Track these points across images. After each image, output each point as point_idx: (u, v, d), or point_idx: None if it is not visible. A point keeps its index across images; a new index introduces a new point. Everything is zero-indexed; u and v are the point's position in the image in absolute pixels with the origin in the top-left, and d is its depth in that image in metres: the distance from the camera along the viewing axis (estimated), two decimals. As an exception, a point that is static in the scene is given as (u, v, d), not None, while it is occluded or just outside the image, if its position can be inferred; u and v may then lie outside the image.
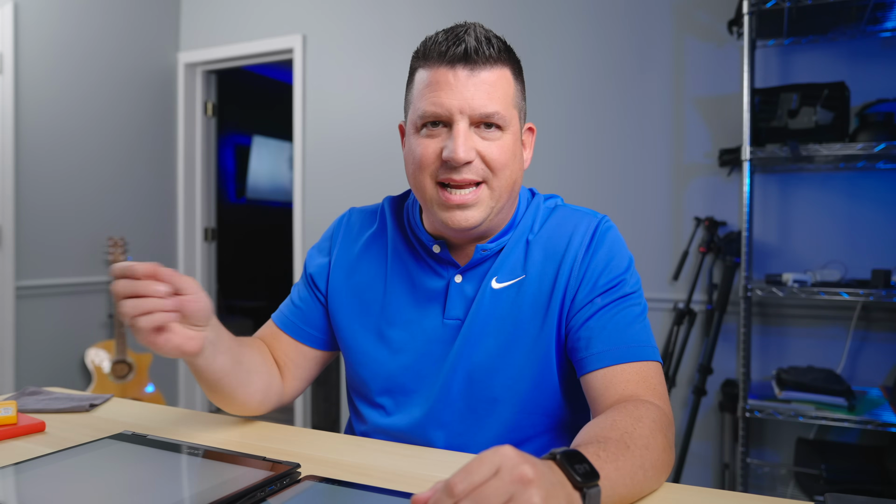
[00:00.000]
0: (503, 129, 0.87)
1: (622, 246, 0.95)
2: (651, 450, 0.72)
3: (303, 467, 0.76)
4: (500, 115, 0.86)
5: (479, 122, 0.86)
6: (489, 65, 0.85)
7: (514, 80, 0.89)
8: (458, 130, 0.84)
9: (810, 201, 2.36)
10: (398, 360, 0.97)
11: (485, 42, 0.85)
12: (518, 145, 0.91)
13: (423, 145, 0.87)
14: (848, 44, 2.29)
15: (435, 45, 0.86)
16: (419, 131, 0.88)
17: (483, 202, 0.88)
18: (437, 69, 0.86)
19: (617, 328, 0.87)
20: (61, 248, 3.11)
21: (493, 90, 0.85)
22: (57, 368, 3.11)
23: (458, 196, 0.87)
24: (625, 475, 0.66)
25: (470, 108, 0.84)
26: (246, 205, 6.14)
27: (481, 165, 0.87)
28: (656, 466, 0.71)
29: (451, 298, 0.95)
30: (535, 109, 2.78)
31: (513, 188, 0.91)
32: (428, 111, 0.86)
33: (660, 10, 2.58)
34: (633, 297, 0.91)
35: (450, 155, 0.84)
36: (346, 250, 1.04)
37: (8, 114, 2.87)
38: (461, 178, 0.86)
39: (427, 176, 0.88)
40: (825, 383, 2.03)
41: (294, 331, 1.04)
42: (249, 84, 5.79)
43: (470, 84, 0.84)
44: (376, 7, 3.18)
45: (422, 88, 0.87)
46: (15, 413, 0.92)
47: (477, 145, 0.86)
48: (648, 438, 0.72)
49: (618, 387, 0.84)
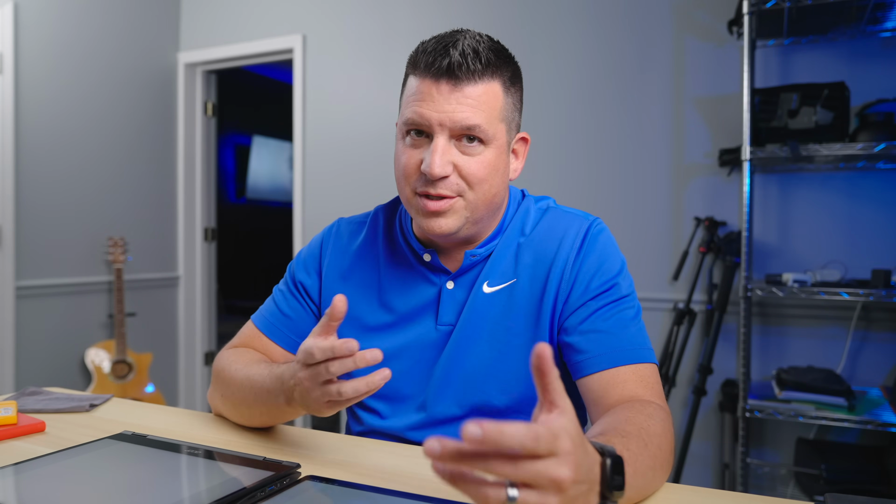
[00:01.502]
0: (485, 143, 0.87)
1: (614, 248, 0.95)
2: (663, 451, 0.73)
3: (303, 467, 0.76)
4: (481, 128, 0.85)
5: (460, 135, 0.86)
6: (474, 79, 0.85)
7: (503, 92, 0.88)
8: (436, 144, 0.85)
9: (810, 201, 2.36)
10: (391, 367, 0.97)
11: (471, 56, 0.84)
12: (501, 159, 0.90)
13: (407, 155, 0.89)
14: (848, 44, 2.29)
15: (423, 55, 0.87)
16: (404, 137, 0.90)
17: (457, 212, 0.88)
18: (424, 80, 0.86)
19: (612, 331, 0.88)
20: (61, 248, 3.11)
21: (477, 104, 0.85)
22: (57, 368, 3.11)
23: (433, 204, 0.87)
24: (639, 478, 0.66)
25: (450, 121, 0.84)
26: (246, 205, 6.14)
27: (457, 180, 0.87)
28: (664, 467, 0.72)
29: (444, 304, 0.95)
30: (535, 110, 2.78)
31: (491, 201, 0.90)
32: (410, 119, 0.87)
33: (660, 10, 2.58)
34: (626, 301, 0.91)
35: (426, 169, 0.85)
36: (337, 261, 1.03)
37: (8, 114, 2.87)
38: (436, 193, 0.87)
39: (408, 186, 0.90)
40: (825, 383, 2.03)
41: (285, 342, 1.02)
42: (249, 84, 5.79)
43: (452, 98, 0.84)
44: (376, 7, 3.18)
45: (409, 96, 0.89)
46: (15, 413, 0.92)
47: (455, 159, 0.86)
48: (661, 438, 0.73)
49: (617, 388, 0.84)
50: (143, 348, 3.43)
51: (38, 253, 3.01)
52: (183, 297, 3.73)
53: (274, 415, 0.86)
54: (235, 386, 0.91)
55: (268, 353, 1.03)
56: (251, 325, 1.06)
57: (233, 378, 0.92)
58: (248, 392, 0.88)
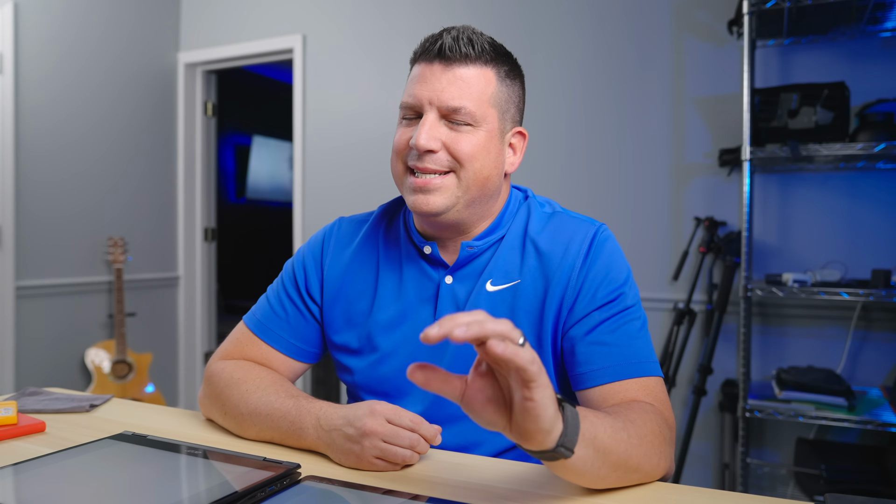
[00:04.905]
0: (474, 125, 0.88)
1: (620, 256, 0.94)
2: (636, 424, 0.73)
3: (303, 467, 0.76)
4: (467, 110, 0.87)
5: (448, 114, 0.88)
6: (467, 62, 0.88)
7: (497, 80, 0.90)
8: (425, 120, 0.88)
9: (810, 201, 2.36)
10: (390, 364, 0.97)
11: (465, 41, 0.88)
12: (493, 143, 0.91)
13: (400, 133, 0.93)
14: (848, 44, 2.29)
15: (421, 45, 0.91)
16: (401, 121, 0.93)
17: (448, 189, 0.89)
18: (420, 65, 0.91)
19: (617, 344, 0.87)
20: (61, 248, 3.11)
21: (467, 86, 0.88)
22: (57, 368, 3.11)
23: (421, 179, 0.89)
24: (606, 426, 0.68)
25: (438, 99, 0.87)
26: (246, 205, 6.14)
27: (446, 156, 0.89)
28: (643, 440, 0.73)
29: (442, 299, 0.95)
30: (535, 109, 2.78)
31: (485, 184, 0.91)
32: (404, 102, 0.92)
33: (660, 10, 2.58)
34: (632, 311, 0.90)
35: (413, 142, 0.88)
36: (338, 259, 1.03)
37: (8, 114, 2.87)
38: (424, 166, 0.89)
39: (399, 161, 0.93)
40: (825, 383, 2.03)
41: (281, 344, 1.02)
42: (249, 84, 5.79)
43: (444, 78, 0.88)
44: (376, 7, 3.18)
45: (407, 83, 0.93)
46: (15, 413, 0.92)
47: (444, 136, 0.88)
48: (635, 417, 0.75)
49: (617, 397, 0.84)
50: (143, 348, 3.43)
51: (38, 253, 3.01)
52: (183, 297, 3.73)
53: (284, 440, 0.87)
54: (246, 407, 0.90)
55: (266, 360, 1.01)
56: (244, 329, 1.04)
57: (242, 399, 0.91)
58: (264, 419, 0.88)
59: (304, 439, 0.84)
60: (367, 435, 0.77)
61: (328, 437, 0.81)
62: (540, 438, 0.58)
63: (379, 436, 0.77)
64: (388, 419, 0.78)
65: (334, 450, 0.81)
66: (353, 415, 0.80)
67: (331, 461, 0.82)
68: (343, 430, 0.79)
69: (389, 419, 0.78)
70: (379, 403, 0.80)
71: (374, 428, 0.77)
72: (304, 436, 0.84)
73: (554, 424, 0.58)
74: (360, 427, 0.78)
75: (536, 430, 0.57)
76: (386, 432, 0.77)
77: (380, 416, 0.78)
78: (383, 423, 0.78)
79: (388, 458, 0.77)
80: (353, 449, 0.78)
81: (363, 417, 0.78)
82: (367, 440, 0.77)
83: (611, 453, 0.67)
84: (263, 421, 0.88)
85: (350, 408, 0.82)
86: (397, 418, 0.79)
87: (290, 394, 0.89)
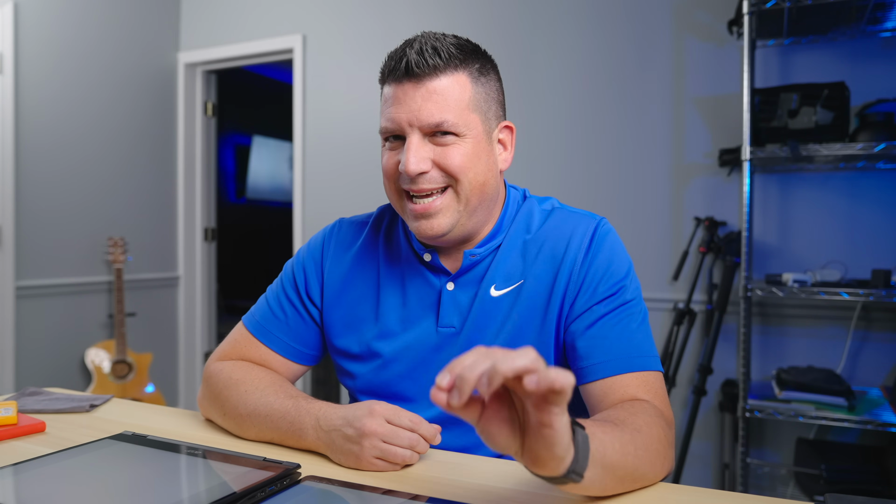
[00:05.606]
0: (459, 135, 0.87)
1: (621, 250, 0.94)
2: (643, 434, 0.73)
3: (303, 467, 0.76)
4: (449, 122, 0.86)
5: (430, 131, 0.86)
6: (436, 73, 0.86)
7: (471, 83, 0.88)
8: (410, 143, 0.86)
9: (810, 201, 2.36)
10: (393, 370, 0.96)
11: (429, 52, 0.85)
12: (482, 148, 0.89)
13: (387, 158, 0.91)
14: (848, 44, 2.29)
15: (387, 64, 0.89)
16: (384, 145, 0.92)
17: (449, 208, 0.89)
18: (390, 86, 0.89)
19: (618, 338, 0.87)
20: (61, 248, 3.11)
21: (442, 98, 0.85)
22: (57, 368, 3.11)
23: (420, 205, 0.88)
24: (614, 441, 0.67)
25: (418, 119, 0.86)
26: (246, 205, 6.14)
27: (439, 173, 0.87)
28: (649, 450, 0.72)
29: (444, 306, 0.95)
30: (535, 109, 2.79)
31: (483, 190, 0.90)
32: (383, 127, 0.90)
33: (660, 10, 2.58)
34: (633, 305, 0.90)
35: (402, 168, 0.87)
36: (339, 262, 1.02)
37: (8, 114, 2.87)
38: (419, 188, 0.88)
39: (392, 186, 0.91)
40: (825, 383, 2.03)
41: (280, 346, 1.01)
42: (249, 84, 5.79)
43: (417, 96, 0.86)
44: (376, 7, 3.18)
45: (382, 105, 0.91)
46: (15, 413, 0.92)
47: (431, 154, 0.87)
48: (641, 424, 0.74)
49: (618, 392, 0.84)
50: (143, 348, 3.43)
51: (38, 253, 3.01)
52: (183, 297, 3.73)
53: (284, 441, 0.87)
54: (245, 408, 0.90)
55: (265, 362, 1.01)
56: (243, 330, 1.03)
57: (241, 399, 0.91)
58: (263, 419, 0.88)
59: (303, 440, 0.84)
60: (367, 435, 0.77)
61: (328, 437, 0.81)
62: (553, 465, 0.56)
63: (378, 436, 0.77)
64: (388, 419, 0.78)
65: (334, 450, 0.81)
66: (352, 415, 0.80)
67: (331, 461, 0.82)
68: (342, 430, 0.79)
69: (389, 419, 0.78)
70: (378, 403, 0.80)
71: (374, 428, 0.77)
72: (304, 436, 0.84)
73: (567, 451, 0.56)
74: (359, 427, 0.78)
75: (550, 458, 0.55)
76: (385, 432, 0.77)
77: (379, 417, 0.78)
78: (383, 423, 0.78)
79: (388, 458, 0.77)
80: (352, 449, 0.78)
81: (362, 418, 0.78)
82: (366, 440, 0.77)
83: (618, 469, 0.67)
84: (263, 422, 0.88)
85: (349, 408, 0.82)
86: (396, 418, 0.79)
87: (290, 394, 0.89)
